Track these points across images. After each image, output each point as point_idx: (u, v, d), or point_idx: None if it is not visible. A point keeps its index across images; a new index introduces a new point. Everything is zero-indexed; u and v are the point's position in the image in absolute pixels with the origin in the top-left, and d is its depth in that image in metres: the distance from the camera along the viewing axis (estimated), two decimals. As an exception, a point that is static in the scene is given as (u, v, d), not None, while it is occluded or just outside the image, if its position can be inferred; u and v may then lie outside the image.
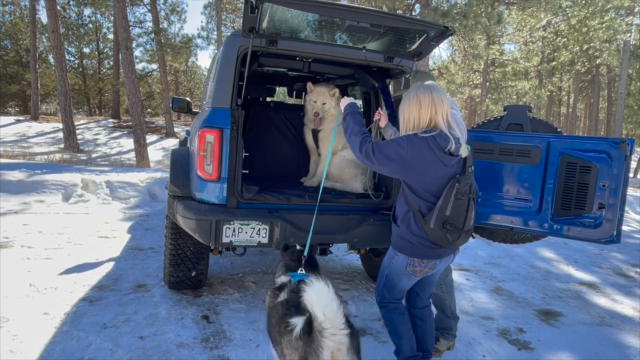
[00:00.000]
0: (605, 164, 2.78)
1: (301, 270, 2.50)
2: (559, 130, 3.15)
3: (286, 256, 2.80)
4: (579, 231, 2.89)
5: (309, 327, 1.80)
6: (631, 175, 25.35)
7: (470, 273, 4.97)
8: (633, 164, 29.83)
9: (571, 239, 3.00)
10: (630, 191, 14.47)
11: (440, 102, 2.28)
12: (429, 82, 2.36)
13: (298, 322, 1.83)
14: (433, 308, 3.18)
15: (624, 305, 4.33)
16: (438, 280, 3.00)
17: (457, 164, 2.32)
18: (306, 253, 2.74)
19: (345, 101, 2.66)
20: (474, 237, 2.36)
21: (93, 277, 3.98)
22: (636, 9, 21.77)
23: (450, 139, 2.25)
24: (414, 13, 15.51)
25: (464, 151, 2.32)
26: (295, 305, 1.97)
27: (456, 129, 2.35)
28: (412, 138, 2.26)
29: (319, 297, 1.77)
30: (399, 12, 15.02)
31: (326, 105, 3.90)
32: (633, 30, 22.43)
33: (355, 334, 1.92)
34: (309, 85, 3.96)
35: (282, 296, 2.23)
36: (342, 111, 2.61)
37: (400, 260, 2.41)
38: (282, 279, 2.51)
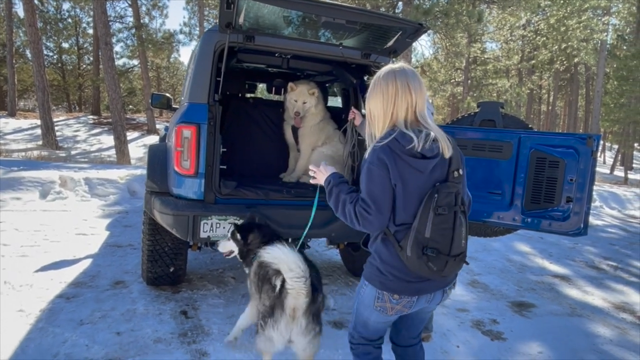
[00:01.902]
0: (572, 159, 2.88)
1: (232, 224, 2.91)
2: (529, 126, 3.24)
3: (258, 230, 2.84)
4: (548, 224, 2.99)
5: (282, 284, 2.21)
6: (607, 171, 25.99)
7: (448, 267, 5.06)
8: (609, 161, 30.58)
9: (541, 232, 3.10)
10: (606, 187, 14.85)
11: (405, 91, 1.74)
12: (398, 65, 1.81)
13: (278, 281, 2.26)
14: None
15: (595, 297, 4.47)
16: None
17: (438, 168, 1.74)
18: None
19: (327, 171, 2.00)
20: (467, 264, 1.86)
21: (70, 274, 3.94)
22: (612, 9, 22.31)
23: (413, 137, 1.67)
24: (396, 10, 15.62)
25: (446, 150, 1.73)
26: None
27: (429, 123, 1.77)
28: (377, 151, 1.70)
29: (289, 257, 2.15)
30: (382, 9, 15.10)
31: (307, 104, 3.93)
32: (610, 30, 22.98)
33: (316, 301, 2.27)
34: (291, 85, 3.99)
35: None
36: (324, 183, 1.98)
37: (368, 292, 1.86)
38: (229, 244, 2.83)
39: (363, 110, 4.05)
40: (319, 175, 2.03)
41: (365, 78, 4.09)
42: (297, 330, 2.24)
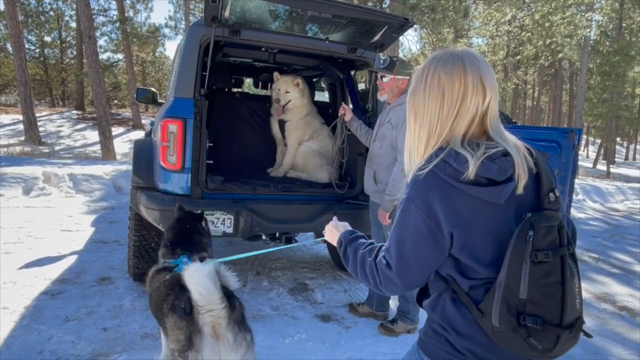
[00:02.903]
0: (555, 152, 2.93)
1: (185, 258, 2.35)
2: (513, 120, 3.29)
3: (169, 231, 2.52)
4: (531, 217, 3.04)
5: (190, 306, 1.83)
6: (590, 165, 26.46)
7: (434, 260, 5.13)
8: (592, 155, 31.12)
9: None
10: (589, 181, 15.13)
11: (477, 88, 1.13)
12: (461, 48, 1.20)
13: (179, 303, 1.88)
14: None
15: (577, 288, 4.57)
16: None
17: (518, 195, 1.10)
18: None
19: (338, 229, 1.46)
20: (590, 336, 1.19)
21: (55, 271, 3.90)
22: (596, 5, 22.63)
23: (467, 156, 1.07)
24: (384, 5, 15.65)
25: (522, 170, 1.09)
26: (178, 285, 1.95)
27: (504, 136, 1.15)
28: (419, 183, 1.12)
29: (194, 276, 1.79)
30: (369, 4, 15.11)
31: (289, 94, 3.93)
32: (593, 26, 23.33)
33: (236, 306, 1.92)
34: (276, 74, 3.98)
35: (165, 276, 2.17)
36: (337, 246, 1.43)
37: None
38: (166, 262, 2.35)
39: (351, 105, 4.08)
40: (329, 235, 1.50)
41: (352, 73, 4.11)
42: (226, 348, 1.86)
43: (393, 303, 3.53)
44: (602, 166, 26.31)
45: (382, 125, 3.10)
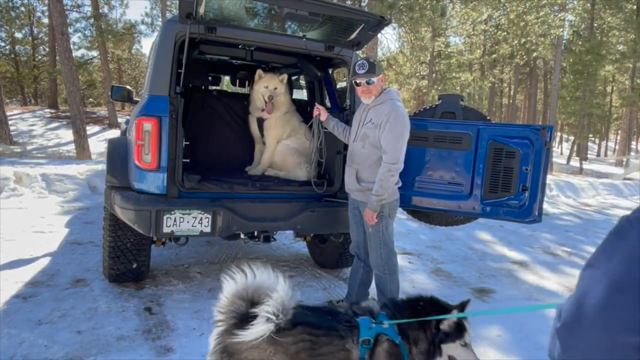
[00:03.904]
0: (527, 149, 3.00)
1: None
2: (487, 118, 3.35)
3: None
4: (505, 212, 3.11)
5: None
6: (564, 162, 27.13)
7: (413, 256, 5.19)
8: (566, 152, 31.90)
9: (499, 220, 3.22)
10: (563, 177, 15.52)
11: None
12: None
13: None
14: (374, 287, 3.33)
15: (551, 281, 4.69)
16: (381, 262, 3.12)
17: None
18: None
19: None
20: None
21: (27, 274, 3.80)
22: (568, 6, 23.16)
23: None
24: (362, 4, 15.70)
25: None
26: None
27: None
28: None
29: None
30: (348, 2, 15.14)
31: (277, 90, 3.92)
32: (566, 26, 23.88)
33: None
34: (259, 72, 3.95)
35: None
36: None
37: None
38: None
39: (329, 103, 4.09)
40: None
41: (330, 71, 4.12)
42: None
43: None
44: (575, 162, 27.01)
45: (363, 124, 3.09)
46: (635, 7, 22.68)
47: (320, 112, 3.39)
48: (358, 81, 3.01)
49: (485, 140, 3.12)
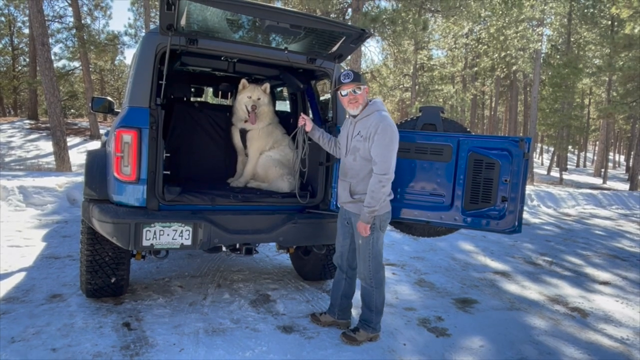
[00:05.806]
0: (506, 160, 3.04)
1: None
2: (467, 129, 3.39)
3: None
4: (486, 223, 3.13)
5: None
6: (544, 172, 27.63)
7: (396, 267, 5.19)
8: (546, 163, 32.50)
9: (479, 231, 3.24)
10: (543, 187, 15.78)
11: None
12: None
13: None
14: (357, 298, 3.31)
15: (532, 291, 4.73)
16: (369, 274, 3.11)
17: None
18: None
19: None
20: None
21: (0, 290, 3.68)
22: (546, 21, 23.83)
23: None
24: (346, 17, 15.88)
25: None
26: None
27: None
28: None
29: None
30: (332, 15, 15.30)
31: (261, 100, 3.91)
32: (544, 40, 24.53)
33: None
34: (243, 81, 3.94)
35: None
36: None
37: None
38: None
39: (311, 115, 4.09)
40: None
41: (313, 83, 4.13)
42: None
43: (355, 312, 3.54)
44: (555, 173, 27.54)
45: (352, 137, 3.11)
46: (610, 22, 23.44)
47: (306, 122, 3.39)
48: (344, 91, 3.03)
49: (466, 151, 3.15)
